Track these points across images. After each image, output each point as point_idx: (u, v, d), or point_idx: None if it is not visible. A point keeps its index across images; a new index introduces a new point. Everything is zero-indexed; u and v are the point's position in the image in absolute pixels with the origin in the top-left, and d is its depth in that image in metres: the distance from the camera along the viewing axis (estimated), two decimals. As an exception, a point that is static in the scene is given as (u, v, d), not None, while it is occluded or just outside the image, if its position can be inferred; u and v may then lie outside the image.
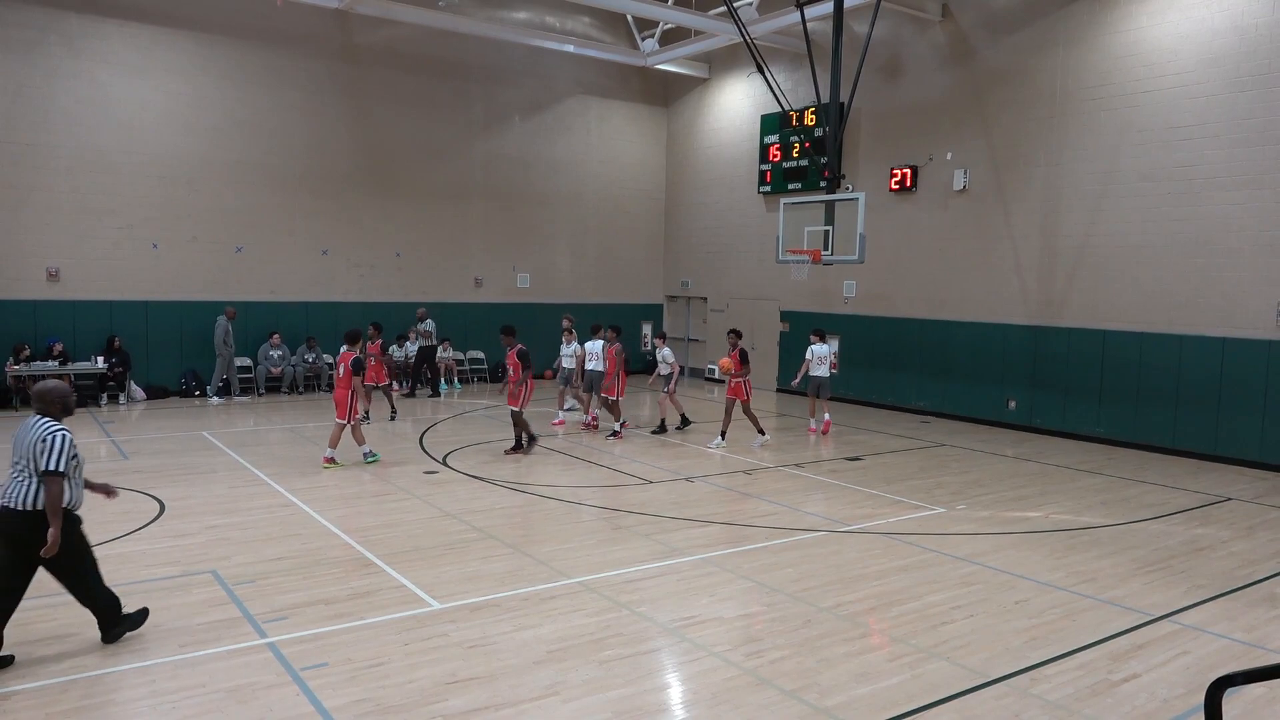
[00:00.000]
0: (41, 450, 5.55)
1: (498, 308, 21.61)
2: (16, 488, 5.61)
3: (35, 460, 5.57)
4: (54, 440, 5.59)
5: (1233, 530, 9.69)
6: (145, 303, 17.64)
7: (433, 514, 9.63)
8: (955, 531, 9.36)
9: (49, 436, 5.60)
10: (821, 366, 15.29)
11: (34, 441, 5.60)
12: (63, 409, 5.87)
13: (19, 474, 5.65)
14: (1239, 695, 5.48)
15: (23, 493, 5.59)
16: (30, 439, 5.63)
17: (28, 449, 5.62)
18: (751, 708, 5.37)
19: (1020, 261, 16.06)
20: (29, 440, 5.63)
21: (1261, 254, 12.93)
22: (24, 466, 5.63)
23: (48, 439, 5.59)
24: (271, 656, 5.91)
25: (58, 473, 5.54)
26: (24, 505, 5.58)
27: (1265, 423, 12.97)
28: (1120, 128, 14.47)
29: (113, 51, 17.04)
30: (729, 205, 22.22)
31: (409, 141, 20.31)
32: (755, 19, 17.80)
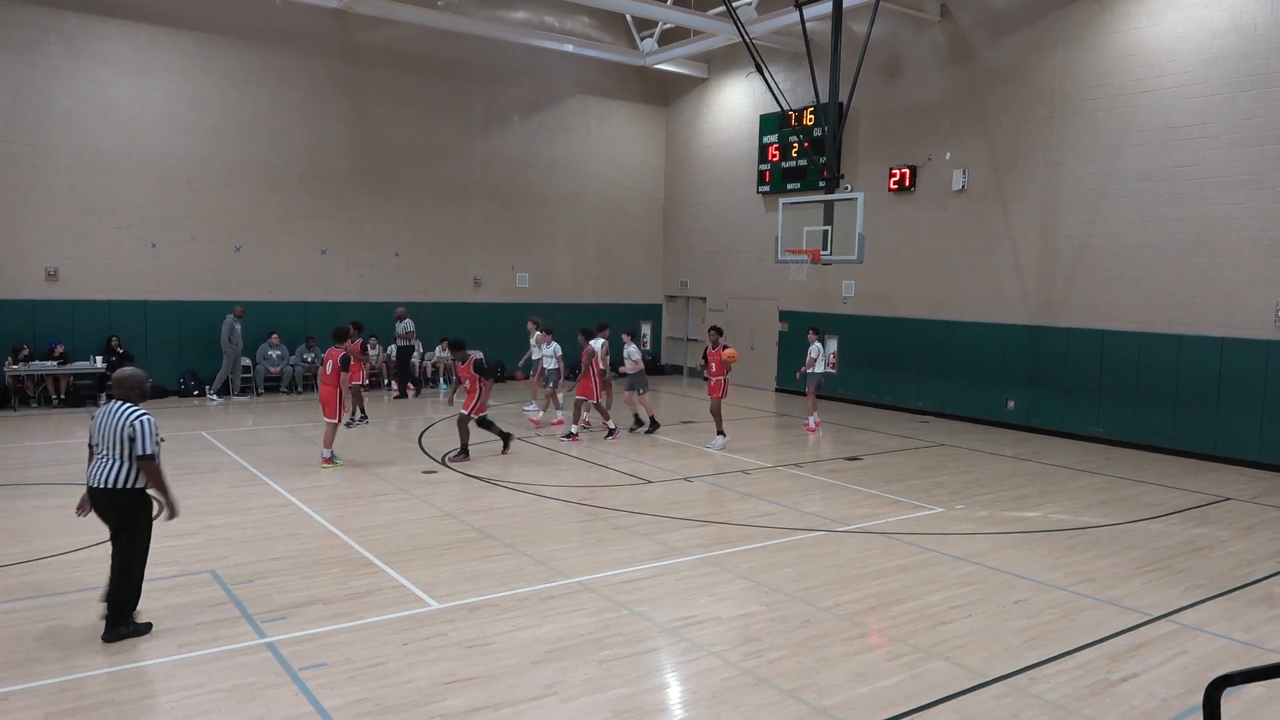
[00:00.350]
0: (132, 436, 6.00)
1: (497, 308, 21.62)
2: (103, 468, 6.07)
3: (124, 445, 6.00)
4: (140, 426, 6.04)
5: (1231, 530, 9.69)
6: (144, 302, 17.63)
7: (431, 514, 9.63)
8: (954, 531, 9.36)
9: (135, 423, 6.03)
10: (816, 364, 15.48)
11: (121, 428, 6.01)
12: (140, 394, 6.34)
13: (104, 457, 6.09)
14: (1237, 695, 5.48)
15: (109, 473, 6.05)
16: (117, 426, 6.03)
17: (115, 435, 6.03)
18: (750, 707, 5.37)
19: (1019, 261, 16.07)
20: (115, 426, 6.03)
21: (1261, 254, 12.93)
22: (109, 450, 6.05)
23: (135, 425, 6.02)
24: (270, 656, 5.91)
25: (151, 455, 6.04)
26: (110, 484, 6.04)
27: (1264, 423, 12.98)
28: (1119, 128, 14.47)
29: (112, 51, 17.03)
30: (728, 205, 22.22)
31: (408, 141, 20.31)
32: (754, 19, 17.81)
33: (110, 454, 6.06)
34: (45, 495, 10.11)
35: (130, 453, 6.03)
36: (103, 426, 6.11)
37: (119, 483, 6.05)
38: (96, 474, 6.08)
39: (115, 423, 6.05)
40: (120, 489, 6.06)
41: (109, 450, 6.06)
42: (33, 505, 9.67)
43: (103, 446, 6.10)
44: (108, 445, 6.07)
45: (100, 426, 6.13)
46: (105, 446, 6.08)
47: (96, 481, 6.08)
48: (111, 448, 6.05)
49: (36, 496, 10.05)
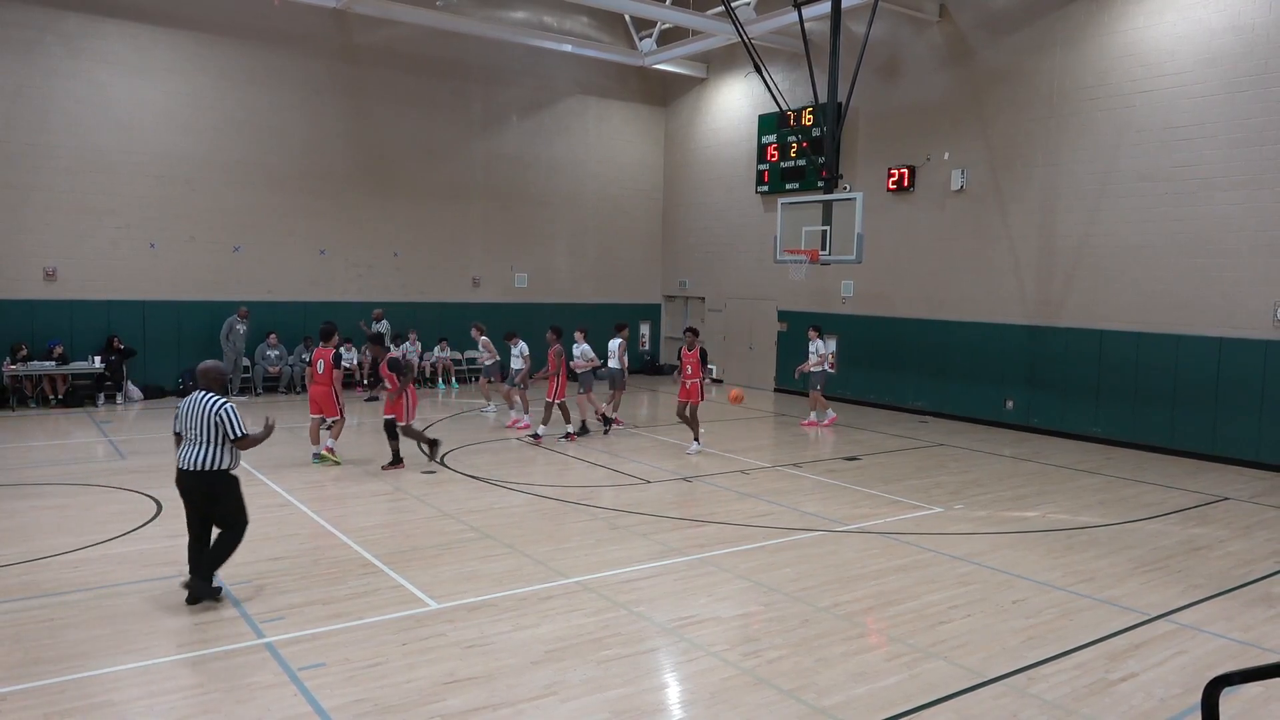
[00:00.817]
0: (221, 423, 6.70)
1: (496, 307, 21.60)
2: (193, 452, 6.70)
3: (210, 430, 6.69)
4: (226, 414, 6.73)
5: (1230, 530, 9.70)
6: (143, 302, 17.63)
7: (431, 514, 9.63)
8: (953, 531, 9.37)
9: (223, 412, 6.72)
10: (817, 363, 15.67)
11: (209, 416, 6.69)
12: (221, 385, 7.01)
13: (192, 442, 6.72)
14: (1236, 694, 5.48)
15: (199, 456, 6.69)
16: (204, 413, 6.70)
17: (204, 421, 6.70)
18: (749, 707, 5.37)
19: (1018, 261, 16.07)
20: (203, 414, 6.70)
21: (1259, 254, 12.94)
22: (198, 435, 6.70)
23: (223, 414, 6.71)
24: (269, 656, 5.91)
25: (243, 435, 6.78)
26: (201, 465, 6.69)
27: (1262, 423, 12.99)
28: (1118, 128, 14.48)
29: (111, 51, 17.03)
30: (727, 205, 22.23)
31: (407, 141, 20.31)
32: (753, 19, 17.81)
33: (198, 439, 6.70)
34: (44, 495, 10.11)
35: (217, 437, 6.71)
36: (190, 415, 6.75)
37: (206, 464, 6.70)
38: (186, 457, 6.73)
39: (201, 411, 6.71)
40: (207, 470, 6.71)
41: (197, 435, 6.71)
42: (31, 505, 9.67)
43: (191, 432, 6.73)
44: (195, 431, 6.71)
45: (187, 415, 6.77)
46: (193, 432, 6.72)
47: (186, 464, 6.72)
48: (199, 433, 6.70)
49: (35, 497, 10.04)
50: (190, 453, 6.72)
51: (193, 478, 6.74)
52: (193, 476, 6.74)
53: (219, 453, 6.74)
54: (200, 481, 6.74)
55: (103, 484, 10.61)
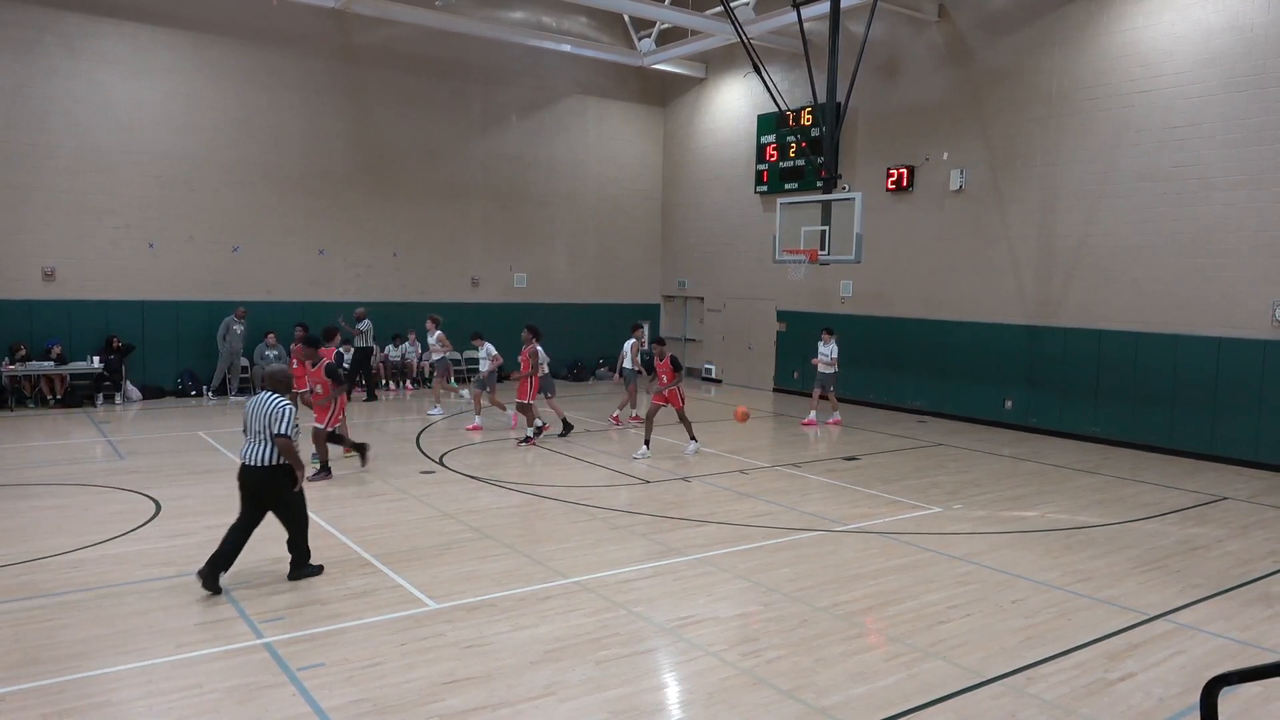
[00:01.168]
0: (274, 419, 7.05)
1: (495, 307, 21.61)
2: (255, 448, 7.13)
3: (270, 427, 7.03)
4: (283, 412, 7.12)
5: (1228, 530, 9.70)
6: (142, 302, 17.62)
7: (429, 514, 9.63)
8: (952, 531, 9.37)
9: (279, 409, 7.11)
10: (828, 365, 16.02)
11: (269, 412, 7.06)
12: (286, 387, 7.48)
13: (254, 439, 7.14)
14: (1234, 694, 5.49)
15: (259, 452, 7.11)
16: (265, 411, 7.09)
17: (263, 418, 7.08)
18: (748, 707, 5.37)
19: (1017, 261, 16.08)
20: (264, 411, 7.09)
21: (1258, 254, 12.95)
22: (259, 432, 7.10)
23: (279, 411, 7.10)
24: (268, 657, 5.91)
25: (288, 435, 7.10)
26: (261, 462, 7.11)
27: (1261, 423, 13.00)
28: (1117, 128, 14.49)
29: (111, 51, 17.02)
30: (726, 205, 22.23)
31: (407, 141, 20.31)
32: (752, 19, 17.81)
33: (261, 435, 7.12)
34: (43, 495, 10.10)
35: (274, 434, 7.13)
36: (254, 413, 7.16)
37: (265, 460, 7.13)
38: (249, 453, 7.16)
39: (264, 410, 7.10)
40: (268, 466, 7.13)
41: (260, 432, 7.13)
42: (30, 505, 9.67)
43: (253, 430, 7.16)
44: (258, 428, 7.13)
45: (252, 413, 7.18)
46: (256, 430, 7.14)
47: (249, 460, 7.15)
48: (262, 430, 7.11)
49: (34, 497, 10.04)
50: (252, 449, 7.16)
51: (252, 473, 7.16)
52: (252, 471, 7.16)
53: (275, 450, 7.15)
54: (259, 476, 7.16)
55: (101, 484, 10.61)
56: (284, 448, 7.11)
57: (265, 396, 7.24)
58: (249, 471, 7.19)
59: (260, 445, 7.13)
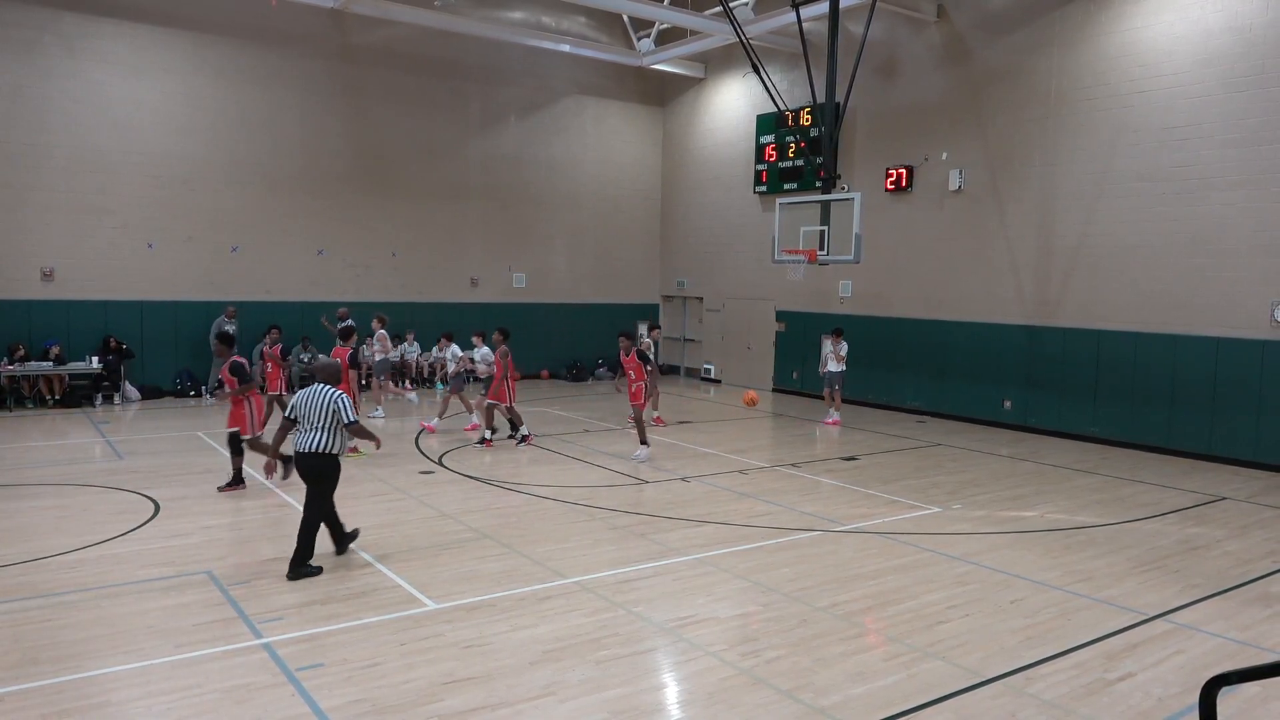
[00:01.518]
0: (337, 410, 7.55)
1: (494, 308, 21.60)
2: (311, 437, 7.55)
3: (326, 418, 7.52)
4: (341, 403, 7.58)
5: (1227, 530, 9.71)
6: (140, 303, 17.61)
7: (429, 514, 9.62)
8: (951, 531, 9.37)
9: (338, 400, 7.57)
10: (837, 364, 16.27)
11: (327, 404, 7.53)
12: (336, 378, 7.97)
13: (311, 428, 7.55)
14: (1233, 694, 5.49)
15: (316, 440, 7.53)
16: (322, 403, 7.54)
17: (320, 409, 7.54)
18: (747, 707, 5.37)
19: (1016, 261, 16.09)
20: (320, 403, 7.55)
21: (1257, 254, 12.96)
22: (315, 422, 7.53)
23: (338, 402, 7.57)
24: (267, 657, 5.90)
25: (355, 422, 7.65)
26: (313, 449, 7.53)
27: (1260, 422, 13.01)
28: (1116, 128, 14.50)
29: (109, 51, 17.01)
30: (725, 205, 22.23)
31: (405, 141, 20.30)
32: (751, 19, 17.80)
33: (314, 426, 7.54)
34: (41, 496, 10.10)
35: (332, 424, 7.56)
36: (307, 404, 7.57)
37: (320, 448, 7.54)
38: (302, 441, 7.58)
39: (319, 401, 7.54)
40: (320, 453, 7.55)
41: (313, 423, 7.55)
42: (29, 506, 9.66)
43: (307, 420, 7.56)
44: (312, 419, 7.55)
45: (304, 404, 7.58)
46: (310, 420, 7.55)
47: (302, 447, 7.57)
48: (316, 420, 7.54)
49: (33, 497, 10.03)
50: (306, 438, 7.57)
51: (305, 458, 7.59)
52: (305, 457, 7.59)
53: (330, 438, 7.58)
54: (311, 461, 7.58)
55: (100, 484, 10.60)
56: (355, 431, 7.67)
57: (318, 388, 7.66)
58: (302, 457, 7.62)
59: (313, 434, 7.54)
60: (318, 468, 7.62)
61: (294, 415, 7.66)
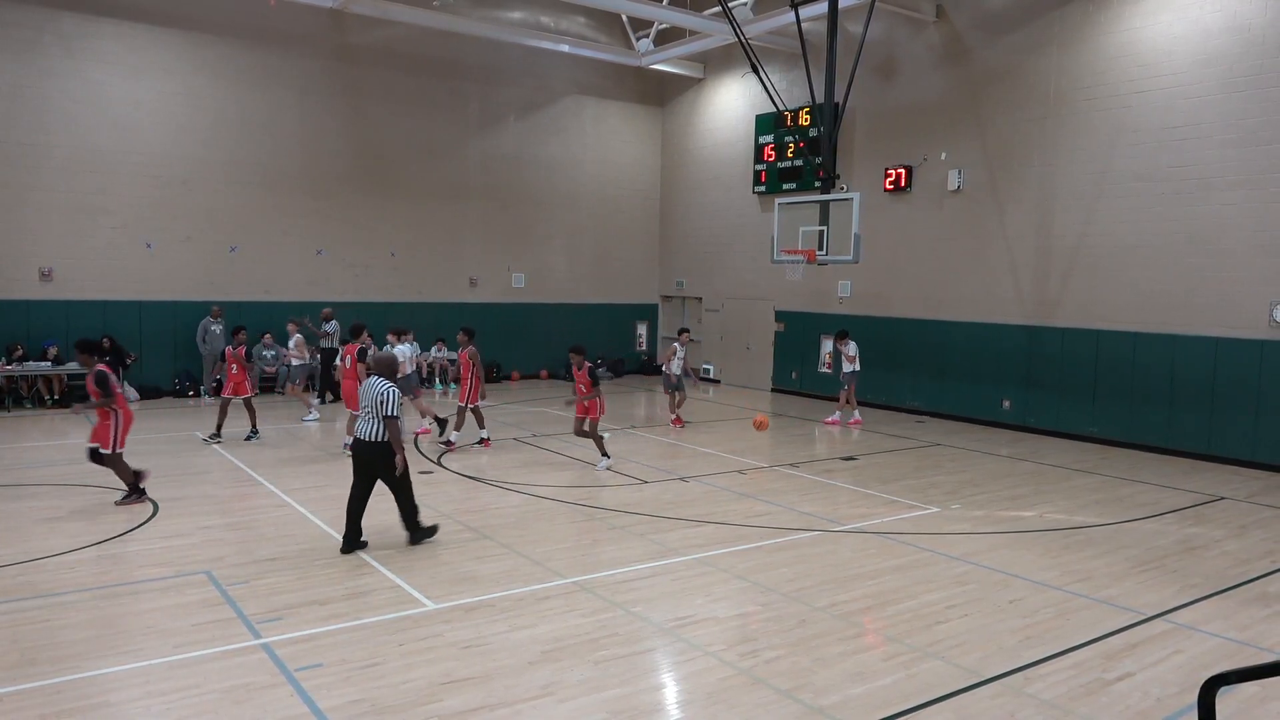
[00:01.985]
0: (382, 402, 7.97)
1: (493, 308, 21.62)
2: (366, 426, 8.07)
3: (379, 409, 7.98)
4: (388, 395, 8.04)
5: (1226, 530, 9.71)
6: (139, 303, 17.60)
7: (427, 514, 9.57)
8: (950, 531, 9.38)
9: (385, 392, 8.03)
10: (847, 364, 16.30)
11: (376, 396, 8.00)
12: (391, 373, 8.40)
13: (366, 418, 8.08)
14: (1232, 694, 5.49)
15: (370, 430, 8.06)
16: (374, 394, 8.03)
17: (372, 400, 8.01)
18: (746, 707, 5.37)
19: (1015, 261, 16.09)
20: (373, 395, 8.02)
21: (1256, 254, 12.96)
22: (370, 413, 8.05)
23: (384, 394, 8.02)
24: (266, 657, 5.90)
25: (395, 417, 8.05)
26: (372, 438, 8.06)
27: (1258, 423, 13.01)
28: (1115, 128, 14.50)
29: (108, 51, 17.00)
30: (724, 205, 22.23)
31: (404, 141, 20.30)
32: (750, 19, 17.81)
33: (372, 416, 8.06)
34: (40, 496, 10.09)
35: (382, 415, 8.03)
36: (365, 395, 8.15)
37: (372, 436, 8.07)
38: (362, 430, 8.13)
39: (374, 393, 8.03)
40: (375, 442, 8.07)
41: (371, 413, 8.07)
42: (28, 506, 9.66)
43: (365, 411, 8.10)
44: (369, 409, 8.07)
45: (364, 396, 8.17)
46: (367, 411, 8.08)
47: (363, 436, 8.13)
48: (372, 411, 8.05)
49: (31, 497, 10.03)
50: (364, 427, 8.11)
51: (364, 447, 8.12)
52: (365, 446, 8.11)
53: (382, 428, 8.04)
54: (370, 450, 8.09)
55: (99, 484, 10.59)
56: (390, 427, 8.05)
57: (374, 381, 8.18)
58: (360, 445, 8.16)
59: (371, 423, 8.06)
60: (369, 455, 8.13)
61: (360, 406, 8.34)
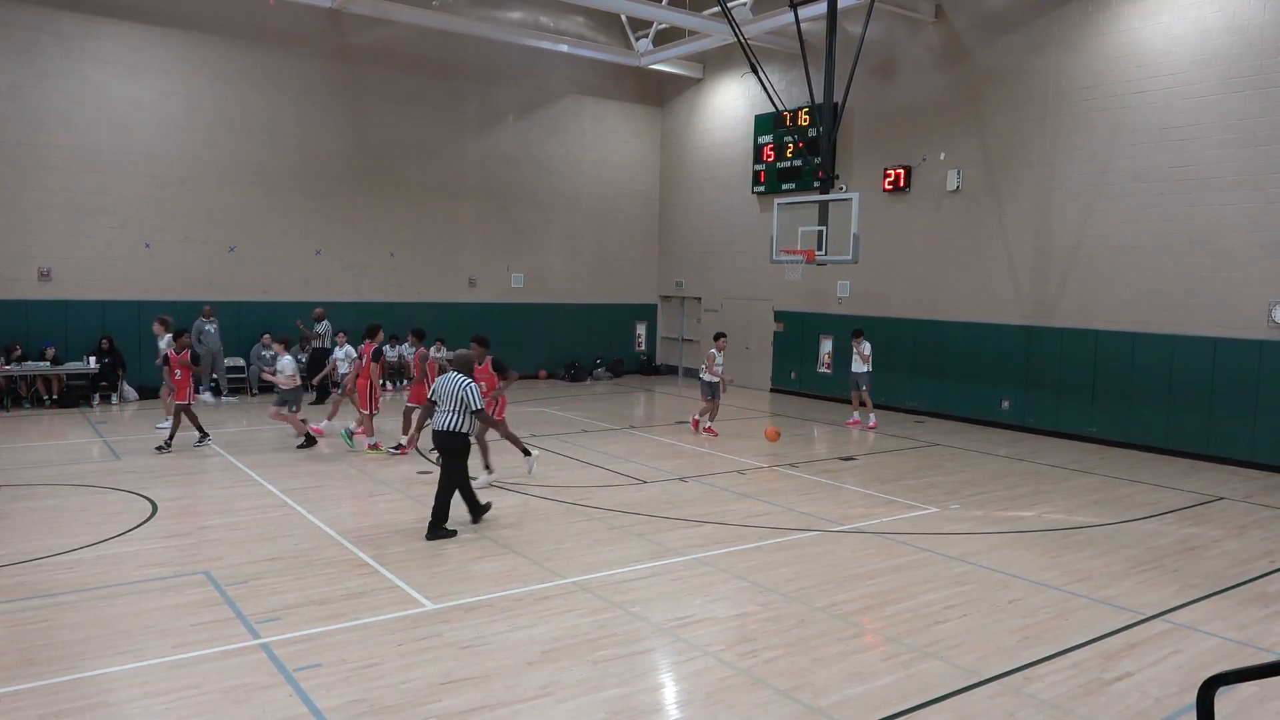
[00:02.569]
0: (466, 397, 8.80)
1: (492, 308, 21.62)
2: (446, 418, 8.84)
3: (459, 403, 8.79)
4: (471, 390, 8.85)
5: (1225, 530, 9.72)
6: (138, 303, 17.58)
7: (426, 514, 9.57)
8: (949, 531, 9.38)
9: (467, 388, 8.85)
10: (861, 364, 15.95)
11: (458, 390, 8.80)
12: (469, 370, 9.18)
13: (446, 410, 8.85)
14: (1231, 694, 5.50)
15: (451, 421, 8.82)
16: (455, 389, 8.82)
17: (453, 395, 8.81)
18: (746, 707, 5.37)
19: (1014, 262, 16.10)
20: (454, 390, 8.82)
21: (1254, 254, 12.97)
22: (449, 406, 8.83)
23: (467, 390, 8.84)
24: (265, 657, 5.89)
25: (481, 409, 8.97)
26: (449, 429, 8.80)
27: (1257, 423, 13.02)
28: (1113, 128, 14.51)
29: (106, 51, 16.99)
30: (723, 205, 22.23)
31: (403, 141, 20.29)
32: (749, 19, 17.81)
33: (450, 409, 8.83)
34: (38, 496, 10.08)
35: (462, 408, 8.81)
36: (446, 390, 8.89)
37: (452, 427, 8.82)
38: (441, 421, 8.87)
39: (454, 388, 8.83)
40: (455, 432, 8.83)
41: (449, 406, 8.84)
42: (25, 506, 9.65)
43: (445, 404, 8.86)
44: (448, 403, 8.84)
45: (444, 390, 8.92)
46: (446, 404, 8.85)
47: (441, 427, 8.87)
48: (451, 404, 8.83)
49: (29, 498, 10.02)
50: (443, 419, 8.85)
51: (443, 436, 8.85)
52: (442, 435, 8.86)
53: (462, 419, 8.84)
54: (446, 438, 8.84)
55: (97, 484, 10.58)
56: (481, 418, 9.04)
57: (454, 376, 8.94)
58: (439, 435, 8.89)
59: (449, 415, 8.82)
60: (451, 445, 8.85)
61: (435, 399, 9.02)
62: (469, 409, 8.82)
